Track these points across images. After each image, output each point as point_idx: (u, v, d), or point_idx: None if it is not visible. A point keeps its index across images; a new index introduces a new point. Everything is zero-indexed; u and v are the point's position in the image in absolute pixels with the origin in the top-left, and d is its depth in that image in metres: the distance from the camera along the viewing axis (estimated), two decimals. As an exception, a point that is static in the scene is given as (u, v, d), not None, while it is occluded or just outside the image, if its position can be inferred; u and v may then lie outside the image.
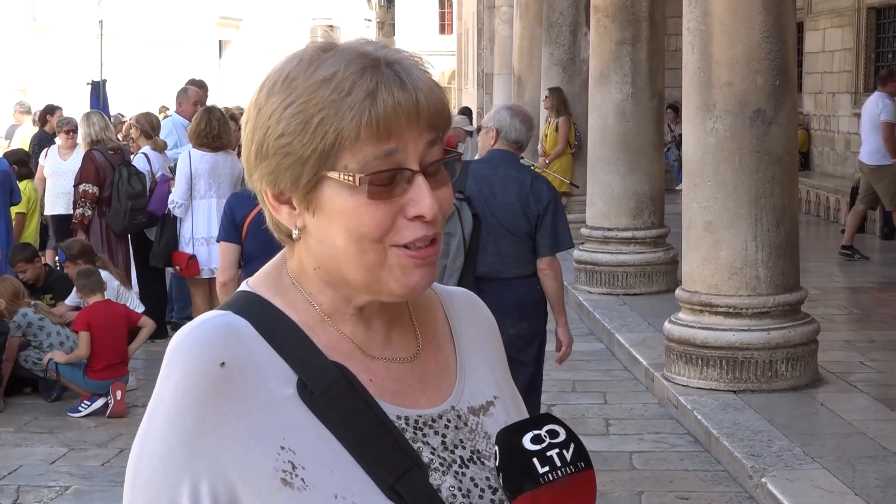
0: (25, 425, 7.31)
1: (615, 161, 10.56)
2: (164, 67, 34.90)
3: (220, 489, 1.30)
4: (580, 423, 6.99)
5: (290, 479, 1.30)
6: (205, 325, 1.37)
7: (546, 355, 5.92)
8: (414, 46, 1.48)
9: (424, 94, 1.34)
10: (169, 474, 1.30)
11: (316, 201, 1.35)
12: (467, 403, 1.47)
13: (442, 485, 1.37)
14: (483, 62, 29.26)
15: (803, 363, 7.04)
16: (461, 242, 5.21)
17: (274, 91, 1.35)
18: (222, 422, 1.31)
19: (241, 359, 1.34)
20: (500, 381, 1.55)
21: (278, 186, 1.37)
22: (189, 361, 1.33)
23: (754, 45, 6.91)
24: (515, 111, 5.77)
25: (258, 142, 1.36)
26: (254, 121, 1.37)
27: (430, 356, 1.48)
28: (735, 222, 6.99)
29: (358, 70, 1.32)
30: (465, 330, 1.55)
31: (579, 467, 1.32)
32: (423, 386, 1.44)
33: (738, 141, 6.94)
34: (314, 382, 1.34)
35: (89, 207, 9.21)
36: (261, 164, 1.37)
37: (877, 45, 17.02)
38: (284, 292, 1.42)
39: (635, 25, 10.55)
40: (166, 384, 1.34)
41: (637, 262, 10.49)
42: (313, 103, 1.32)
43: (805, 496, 5.29)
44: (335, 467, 1.32)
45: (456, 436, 1.42)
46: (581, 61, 14.04)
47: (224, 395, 1.31)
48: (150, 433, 1.33)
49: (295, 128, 1.32)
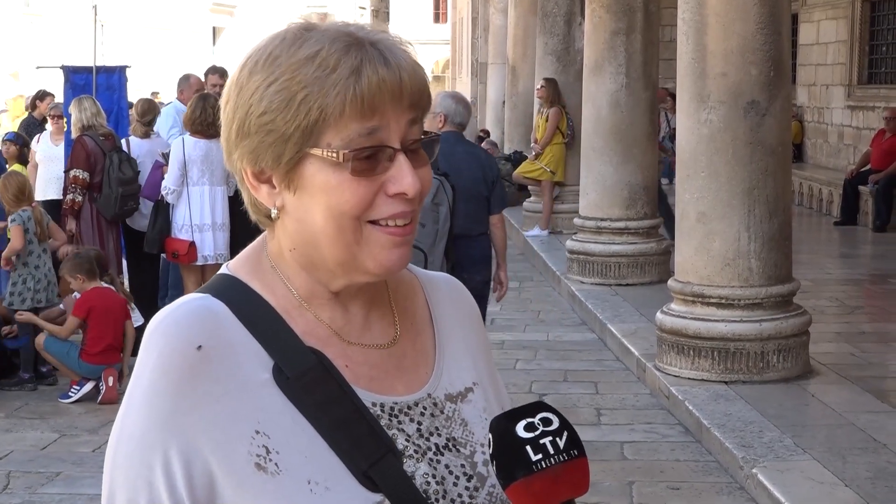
0: (16, 411, 7.30)
1: (608, 151, 10.56)
2: (159, 54, 34.82)
3: (195, 469, 1.30)
4: (572, 412, 7.00)
5: (264, 463, 1.30)
6: (182, 308, 1.37)
7: (541, 347, 5.95)
8: (408, 35, 1.49)
9: (408, 73, 1.34)
10: (146, 454, 1.31)
11: (297, 179, 1.35)
12: (445, 390, 1.47)
13: (416, 472, 1.37)
14: (477, 51, 29.25)
15: (795, 354, 7.05)
16: (448, 210, 6.06)
17: (256, 70, 1.35)
18: (198, 404, 1.31)
19: (218, 342, 1.34)
20: (479, 366, 1.55)
21: (259, 165, 1.36)
22: (166, 344, 1.33)
23: (749, 37, 6.90)
24: (458, 98, 6.91)
25: (239, 120, 1.36)
26: (234, 100, 1.37)
27: (408, 342, 1.48)
28: (728, 213, 6.99)
29: (343, 47, 1.32)
30: (445, 315, 1.55)
31: (572, 455, 1.32)
32: (399, 372, 1.44)
33: (732, 132, 6.94)
34: (290, 367, 1.35)
35: (80, 193, 9.17)
36: (241, 143, 1.36)
37: (871, 37, 17.03)
38: (263, 276, 1.42)
39: (630, 16, 10.54)
40: (144, 366, 1.34)
41: (630, 252, 10.49)
42: (297, 80, 1.31)
43: (795, 487, 5.30)
44: (309, 453, 1.32)
45: (431, 423, 1.42)
46: (575, 51, 14.03)
47: (200, 377, 1.31)
48: (129, 413, 1.34)
49: (278, 105, 1.32)
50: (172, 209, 8.53)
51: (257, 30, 46.12)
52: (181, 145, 8.43)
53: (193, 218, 8.42)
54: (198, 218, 8.42)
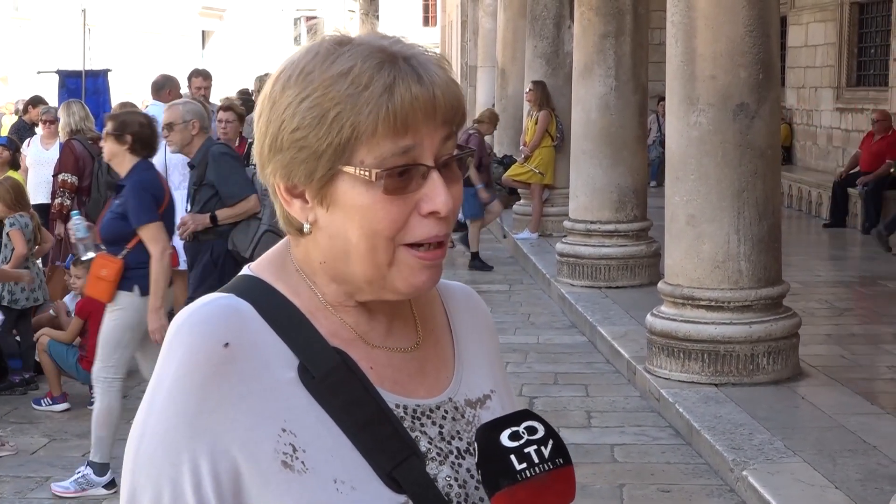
0: (6, 416, 7.28)
1: (598, 154, 10.56)
2: (147, 58, 34.75)
3: (221, 468, 1.29)
4: (562, 415, 7.00)
5: (291, 461, 1.30)
6: (208, 306, 1.37)
7: (531, 350, 5.94)
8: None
9: (441, 90, 1.33)
10: (171, 452, 1.30)
11: (330, 196, 1.34)
12: (465, 396, 1.48)
13: (438, 474, 1.37)
14: (467, 54, 29.24)
15: (785, 357, 7.05)
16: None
17: (289, 84, 1.34)
18: (225, 402, 1.30)
19: (244, 340, 1.33)
20: (496, 374, 1.56)
21: (292, 180, 1.36)
22: (192, 341, 1.33)
23: (738, 39, 6.91)
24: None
25: (272, 135, 1.35)
26: (267, 114, 1.36)
27: (429, 347, 1.48)
28: (717, 216, 7.00)
29: (376, 64, 1.32)
30: (462, 323, 1.55)
31: (558, 464, 1.31)
32: (422, 376, 1.45)
33: (721, 134, 6.95)
34: (315, 367, 1.34)
35: (68, 197, 9.16)
36: (274, 158, 1.36)
37: (859, 39, 17.07)
38: (288, 278, 1.42)
39: (619, 19, 10.55)
40: (169, 364, 1.33)
41: (620, 255, 10.49)
42: (329, 97, 1.31)
43: (786, 489, 5.30)
44: (335, 452, 1.32)
45: (453, 427, 1.43)
46: (565, 54, 14.04)
47: (227, 375, 1.31)
48: (153, 412, 1.33)
49: (310, 121, 1.32)
50: None
51: (247, 34, 46.07)
52: (163, 149, 8.40)
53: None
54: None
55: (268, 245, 6.71)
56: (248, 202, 6.74)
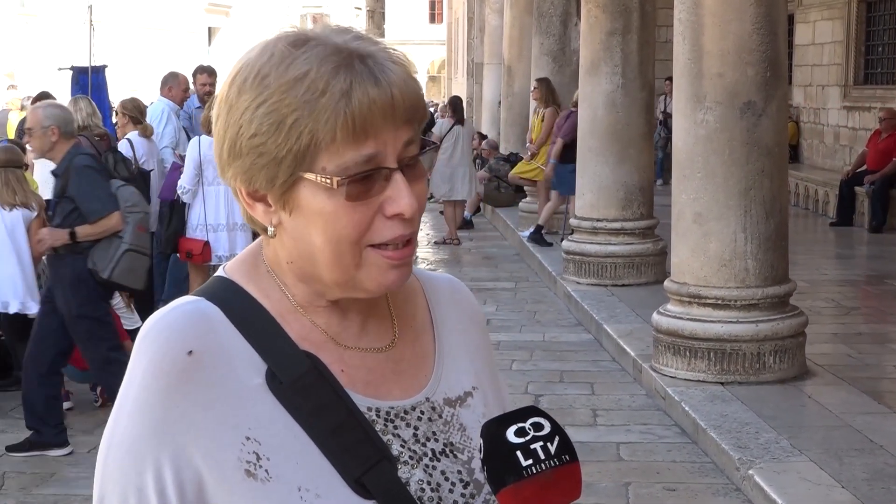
0: (11, 412, 7.28)
1: (604, 152, 10.55)
2: (154, 54, 34.80)
3: (185, 476, 1.29)
4: (567, 413, 6.99)
5: (254, 469, 1.29)
6: (174, 311, 1.35)
7: (537, 348, 5.92)
8: (404, 35, 1.45)
9: (399, 89, 1.30)
10: (136, 462, 1.29)
11: (293, 201, 1.32)
12: (444, 394, 1.45)
13: (411, 478, 1.35)
14: (473, 52, 29.23)
15: (791, 355, 7.04)
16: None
17: (245, 88, 1.31)
18: (189, 410, 1.29)
19: (210, 347, 1.32)
20: (480, 370, 1.53)
21: (253, 185, 1.34)
22: (157, 349, 1.32)
23: (745, 37, 6.90)
24: (61, 105, 7.00)
25: (230, 140, 1.33)
26: (225, 118, 1.34)
27: (406, 345, 1.46)
28: (724, 214, 6.98)
29: (332, 69, 1.28)
30: (445, 318, 1.52)
31: (563, 460, 1.30)
32: (397, 376, 1.42)
33: (729, 132, 6.93)
34: (284, 372, 1.33)
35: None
36: (234, 163, 1.34)
37: (867, 37, 17.04)
38: (259, 280, 1.40)
39: (626, 16, 10.53)
40: (135, 372, 1.33)
41: (626, 252, 10.48)
42: (286, 103, 1.28)
43: (792, 488, 5.29)
44: (301, 459, 1.30)
45: (429, 428, 1.40)
46: (571, 51, 14.03)
47: (191, 383, 1.30)
48: (121, 419, 1.32)
49: (268, 128, 1.29)
50: (188, 209, 8.56)
51: (253, 31, 46.15)
52: (197, 145, 8.47)
53: (208, 218, 8.47)
54: (213, 218, 8.47)
55: (128, 265, 6.45)
56: (110, 220, 6.42)
